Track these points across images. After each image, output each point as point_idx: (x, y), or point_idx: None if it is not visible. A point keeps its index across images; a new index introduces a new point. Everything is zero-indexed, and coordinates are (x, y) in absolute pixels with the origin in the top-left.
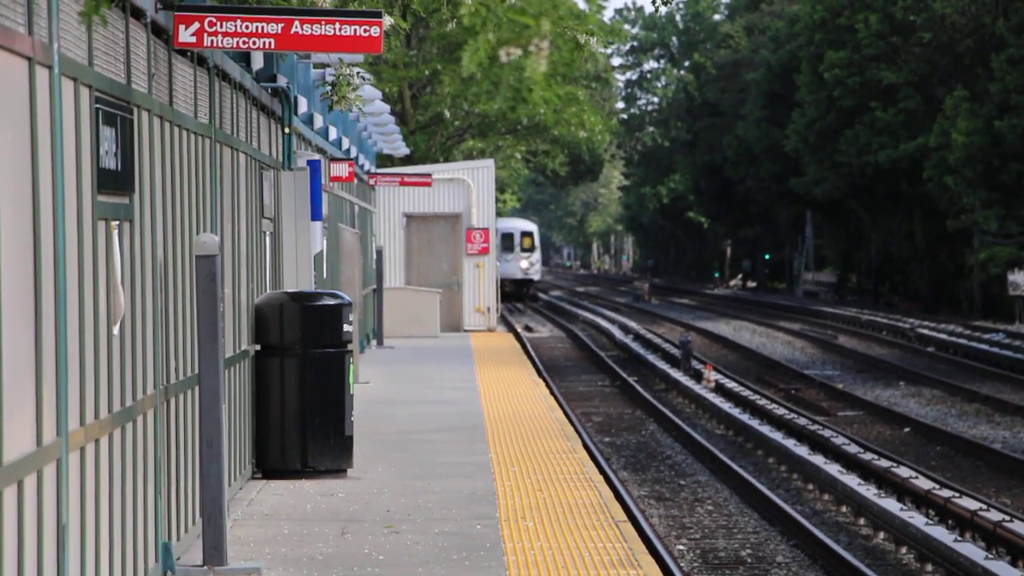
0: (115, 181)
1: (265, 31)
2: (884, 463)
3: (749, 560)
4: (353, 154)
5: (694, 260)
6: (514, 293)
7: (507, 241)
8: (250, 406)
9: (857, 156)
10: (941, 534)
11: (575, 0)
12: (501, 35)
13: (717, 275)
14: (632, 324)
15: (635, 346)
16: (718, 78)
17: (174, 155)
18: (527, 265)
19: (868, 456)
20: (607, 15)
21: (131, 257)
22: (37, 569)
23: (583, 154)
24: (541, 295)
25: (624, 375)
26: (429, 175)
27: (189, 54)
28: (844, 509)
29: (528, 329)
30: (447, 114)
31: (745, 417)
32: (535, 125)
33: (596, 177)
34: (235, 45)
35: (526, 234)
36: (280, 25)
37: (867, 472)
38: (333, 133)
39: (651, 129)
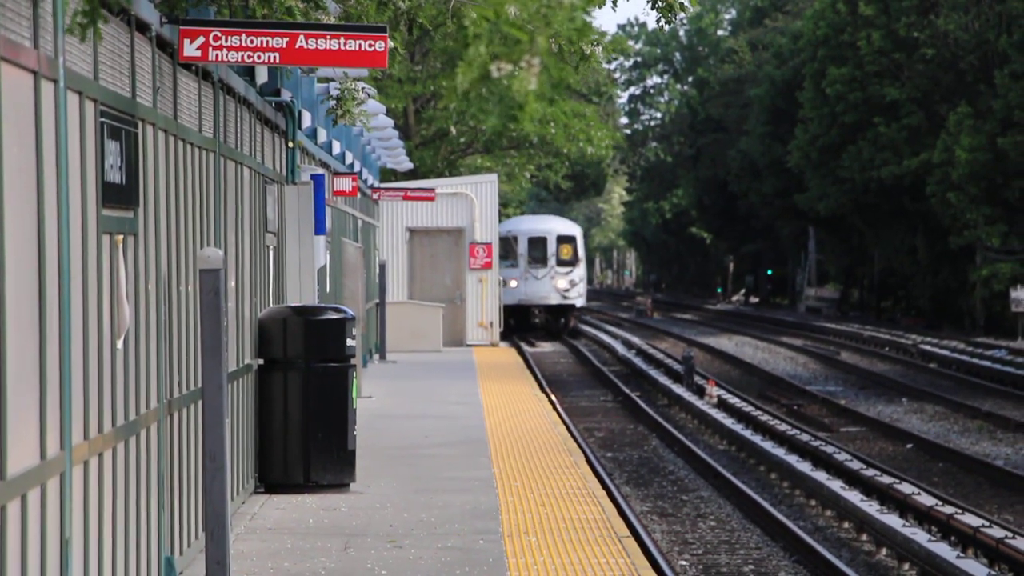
0: (120, 195)
1: (270, 45)
2: (886, 479)
3: None
4: (357, 168)
5: (697, 275)
6: (547, 325)
7: (536, 249)
8: (253, 420)
9: (860, 172)
10: (944, 551)
11: (581, 16)
12: (494, 49)
13: (720, 290)
14: (635, 339)
15: (637, 361)
16: (721, 94)
17: (178, 169)
18: (566, 285)
19: (870, 472)
20: (610, 29)
21: (135, 271)
22: None
23: (587, 168)
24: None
25: (627, 390)
26: (432, 189)
27: (194, 68)
28: (846, 525)
29: (531, 344)
30: (452, 130)
31: (747, 433)
32: (542, 140)
33: (600, 192)
34: (240, 59)
35: (565, 239)
36: (285, 39)
37: (869, 488)
38: (337, 147)
39: (654, 144)
